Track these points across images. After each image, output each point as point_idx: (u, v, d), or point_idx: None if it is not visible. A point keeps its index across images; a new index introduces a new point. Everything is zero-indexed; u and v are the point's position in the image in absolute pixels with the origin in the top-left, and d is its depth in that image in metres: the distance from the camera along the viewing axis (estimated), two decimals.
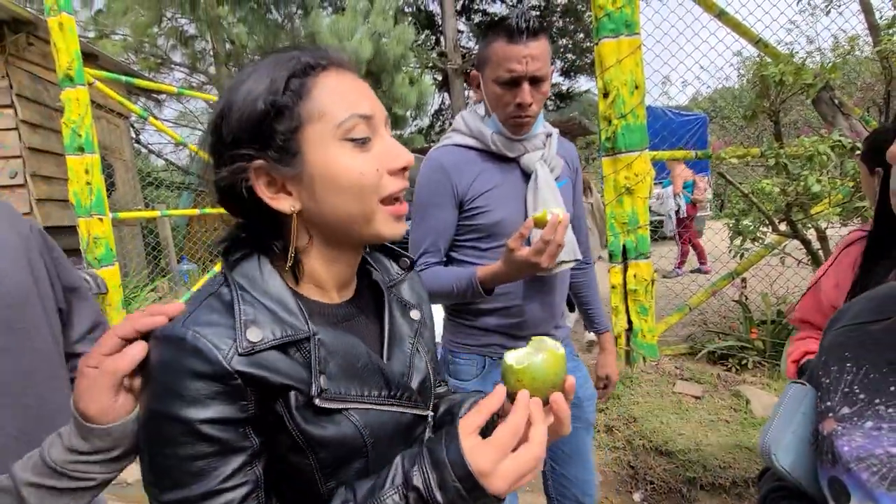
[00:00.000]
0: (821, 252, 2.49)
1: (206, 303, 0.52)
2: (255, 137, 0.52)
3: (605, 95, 2.90)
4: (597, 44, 2.88)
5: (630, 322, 3.04)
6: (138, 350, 0.51)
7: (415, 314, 0.69)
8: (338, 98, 0.53)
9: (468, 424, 0.50)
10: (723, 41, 3.19)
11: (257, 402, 0.49)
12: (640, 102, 2.86)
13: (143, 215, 5.57)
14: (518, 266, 0.97)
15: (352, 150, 0.53)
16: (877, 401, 0.43)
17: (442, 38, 11.80)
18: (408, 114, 10.11)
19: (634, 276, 2.98)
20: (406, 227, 0.61)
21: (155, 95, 8.26)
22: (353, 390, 0.54)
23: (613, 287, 3.06)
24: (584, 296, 1.43)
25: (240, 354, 0.48)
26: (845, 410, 0.46)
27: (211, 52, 9.03)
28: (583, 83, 15.66)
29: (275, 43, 8.81)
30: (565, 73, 15.36)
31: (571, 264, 1.12)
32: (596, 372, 1.43)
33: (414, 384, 0.62)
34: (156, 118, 6.59)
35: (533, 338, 0.57)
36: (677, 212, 6.08)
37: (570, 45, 14.71)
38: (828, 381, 0.49)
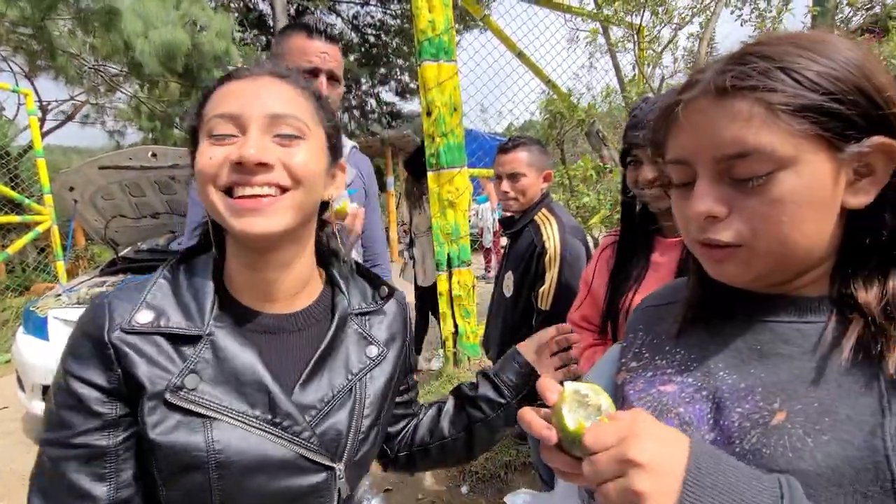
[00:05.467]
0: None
1: (141, 283, 0.56)
2: (194, 129, 0.59)
3: (429, 114, 3.10)
4: (420, 65, 3.07)
5: (456, 325, 3.27)
6: None
7: (371, 350, 0.64)
8: (216, 101, 0.57)
9: None
10: (521, 77, 3.71)
11: (124, 378, 0.51)
12: (458, 123, 3.13)
13: None
14: None
15: (211, 144, 0.55)
16: (656, 357, 0.56)
17: (272, 41, 11.13)
18: None
19: (458, 282, 3.22)
20: (264, 226, 0.54)
21: None
22: (224, 401, 0.53)
23: (441, 294, 3.25)
24: None
25: (122, 329, 0.52)
26: (633, 364, 0.58)
27: None
28: (416, 105, 16.51)
29: (48, 15, 7.06)
30: (399, 93, 16.00)
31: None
32: None
33: (321, 425, 0.56)
34: None
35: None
36: (493, 225, 7.06)
37: (405, 67, 15.40)
38: (625, 344, 0.62)
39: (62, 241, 4.92)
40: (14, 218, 4.79)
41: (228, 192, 0.54)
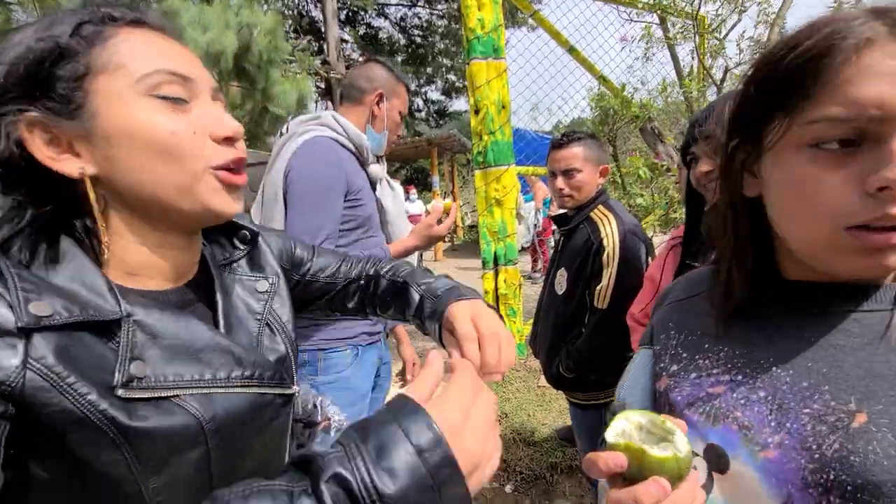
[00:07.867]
0: (648, 257, 2.96)
1: None
2: (28, 84, 0.43)
3: (477, 112, 3.10)
4: (468, 64, 3.07)
5: None
6: None
7: (262, 285, 0.62)
8: (142, 51, 0.46)
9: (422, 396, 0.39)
10: (571, 73, 3.63)
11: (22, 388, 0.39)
12: (506, 121, 3.11)
13: None
14: (430, 240, 1.34)
15: (161, 108, 0.46)
16: (697, 357, 0.52)
17: (325, 46, 11.54)
18: (289, 116, 9.55)
19: (504, 280, 3.20)
20: (240, 205, 0.52)
21: None
22: (186, 374, 0.47)
23: (486, 292, 3.25)
24: None
25: (20, 328, 0.38)
26: (674, 368, 0.54)
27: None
28: (462, 103, 16.54)
29: None
30: (446, 92, 16.10)
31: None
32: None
33: (272, 361, 0.57)
34: None
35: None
36: (535, 225, 6.95)
37: (451, 66, 15.47)
38: (658, 347, 0.57)
39: None
40: None
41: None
